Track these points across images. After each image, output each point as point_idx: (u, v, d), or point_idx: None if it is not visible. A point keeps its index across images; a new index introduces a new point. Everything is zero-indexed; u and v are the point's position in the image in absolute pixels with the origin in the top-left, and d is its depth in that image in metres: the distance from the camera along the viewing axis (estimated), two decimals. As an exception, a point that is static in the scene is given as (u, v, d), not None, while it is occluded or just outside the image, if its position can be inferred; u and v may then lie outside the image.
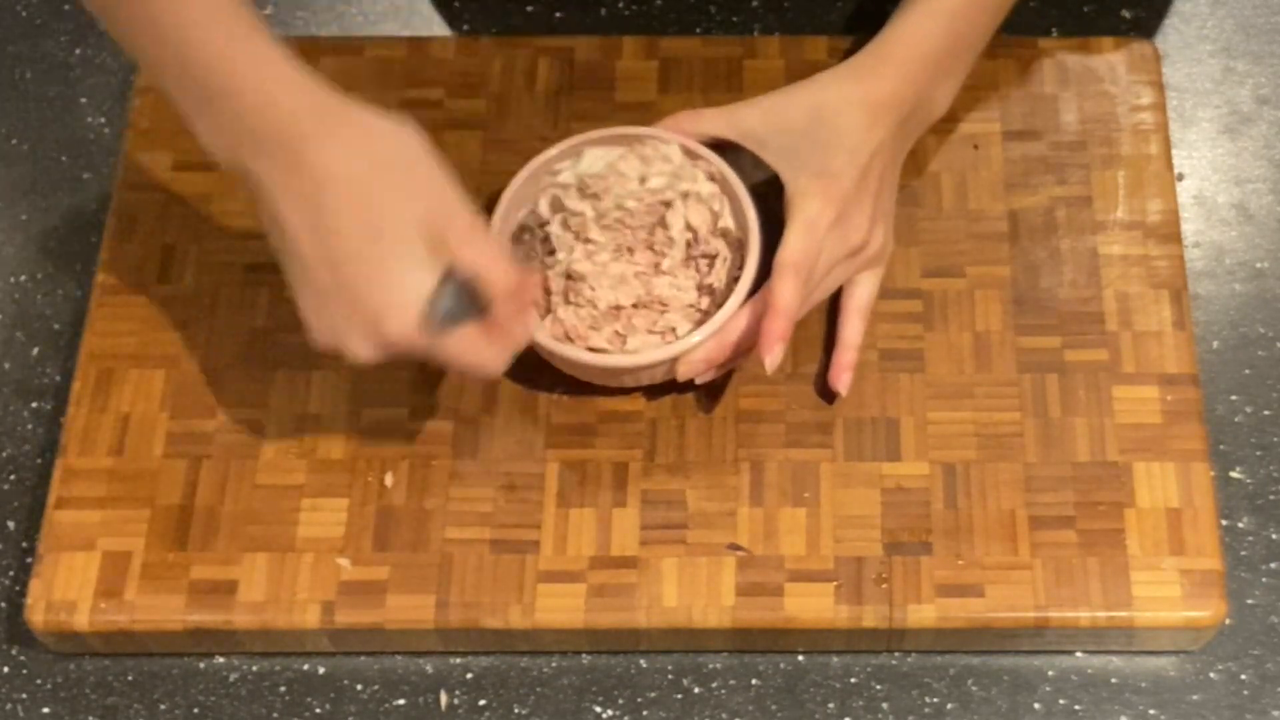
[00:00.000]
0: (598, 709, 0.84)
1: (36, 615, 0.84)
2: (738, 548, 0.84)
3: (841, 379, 0.87)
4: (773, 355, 0.82)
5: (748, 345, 0.85)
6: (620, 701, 0.84)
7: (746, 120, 0.88)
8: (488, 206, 0.94)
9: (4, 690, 0.86)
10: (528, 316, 0.81)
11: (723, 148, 0.89)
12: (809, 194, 0.84)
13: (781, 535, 0.85)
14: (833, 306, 0.90)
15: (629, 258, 0.87)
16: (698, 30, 1.03)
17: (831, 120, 0.85)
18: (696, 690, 0.85)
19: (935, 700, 0.84)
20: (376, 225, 0.75)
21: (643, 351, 0.85)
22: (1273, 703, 0.84)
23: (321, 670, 0.86)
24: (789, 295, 0.82)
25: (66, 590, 0.84)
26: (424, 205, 0.75)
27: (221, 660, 0.86)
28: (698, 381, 0.86)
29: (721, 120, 0.88)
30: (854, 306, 0.88)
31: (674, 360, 0.84)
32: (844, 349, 0.88)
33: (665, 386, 0.87)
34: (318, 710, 0.85)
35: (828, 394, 0.88)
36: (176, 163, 0.96)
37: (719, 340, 0.84)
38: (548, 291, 0.87)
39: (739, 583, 0.83)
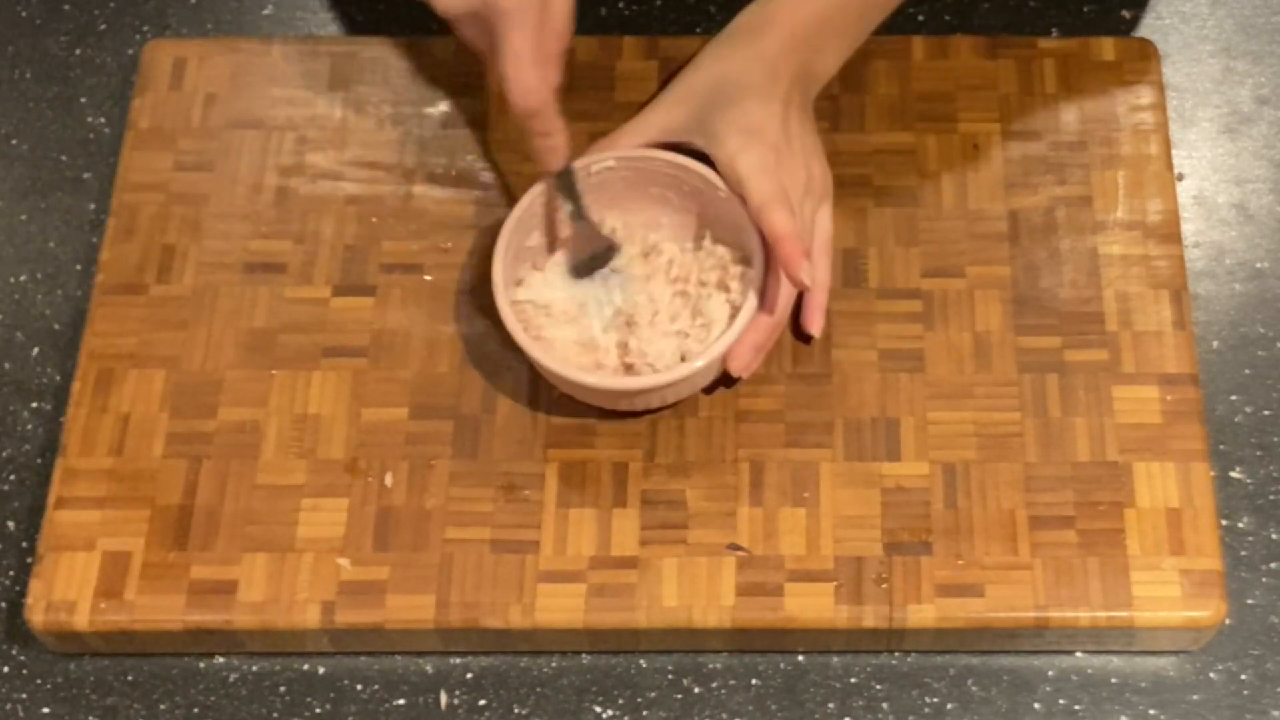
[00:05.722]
0: (598, 709, 0.84)
1: (36, 615, 0.84)
2: (738, 548, 0.84)
3: (815, 319, 0.88)
4: (805, 272, 0.82)
5: (784, 317, 0.87)
6: (620, 701, 0.84)
7: (659, 119, 0.89)
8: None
9: (4, 690, 0.86)
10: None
11: None
12: (743, 149, 0.85)
13: (781, 535, 0.85)
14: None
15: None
16: (698, 30, 1.03)
17: (736, 82, 0.87)
18: (696, 690, 0.85)
19: (935, 700, 0.84)
20: None
21: (660, 372, 0.84)
22: (1273, 703, 0.84)
23: (321, 670, 0.86)
24: (783, 219, 0.83)
25: (66, 590, 0.84)
26: None
27: (221, 660, 0.86)
28: (746, 376, 0.86)
29: (635, 132, 0.89)
30: (818, 243, 0.89)
31: (681, 382, 0.84)
32: (817, 287, 0.88)
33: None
34: (318, 710, 0.85)
35: (828, 394, 0.88)
36: (176, 163, 0.96)
37: (760, 324, 0.85)
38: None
39: (739, 583, 0.83)
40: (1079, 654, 0.85)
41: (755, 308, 0.84)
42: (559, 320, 0.87)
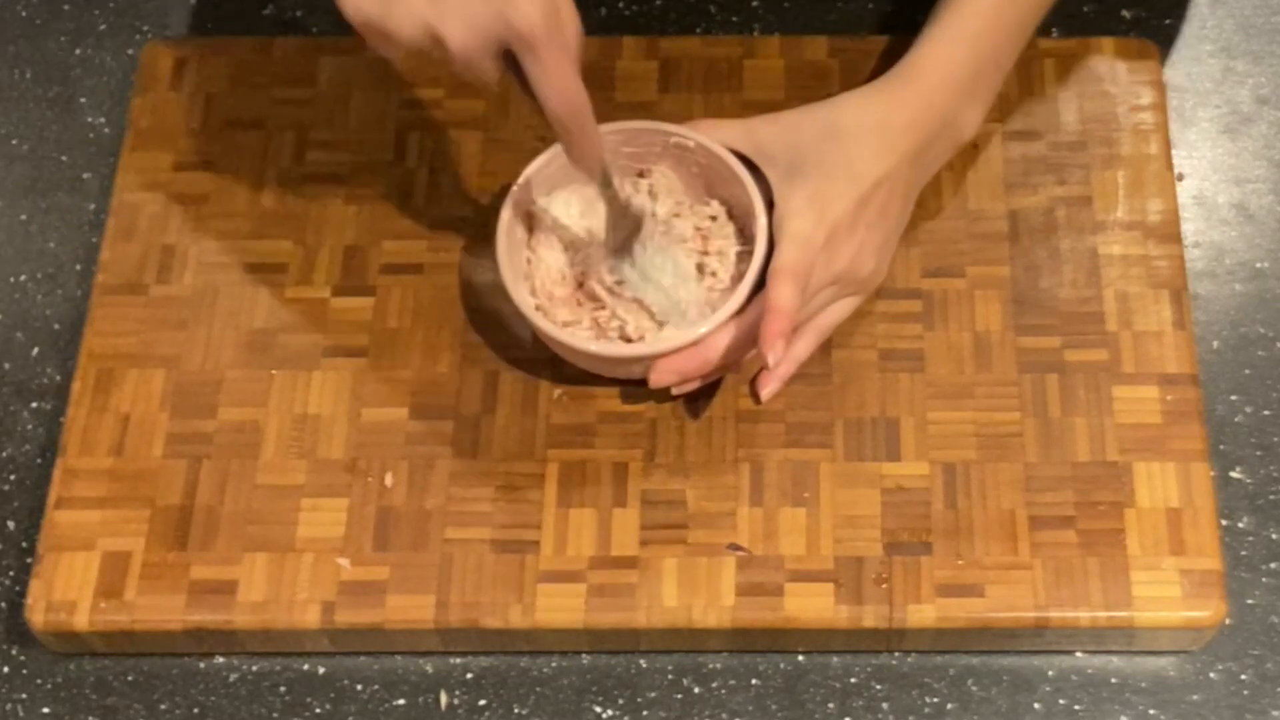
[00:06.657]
0: (598, 709, 0.84)
1: (36, 615, 0.84)
2: (738, 548, 0.84)
3: (768, 386, 0.86)
4: (775, 352, 0.81)
5: (723, 363, 0.84)
6: (620, 701, 0.84)
7: (762, 135, 0.87)
8: (491, 205, 0.94)
9: (4, 690, 0.86)
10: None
11: None
12: (801, 213, 0.83)
13: (781, 535, 0.85)
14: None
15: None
16: (698, 30, 1.03)
17: (842, 143, 0.84)
18: (696, 690, 0.85)
19: (935, 700, 0.84)
20: None
21: (616, 343, 0.85)
22: (1273, 703, 0.84)
23: (321, 670, 0.86)
24: (788, 296, 0.81)
25: (66, 590, 0.84)
26: None
27: (221, 660, 0.86)
28: (674, 393, 0.85)
29: (739, 132, 0.87)
30: (815, 323, 0.87)
31: (645, 360, 0.84)
32: (786, 360, 0.86)
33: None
34: (318, 710, 0.85)
35: (828, 394, 0.88)
36: (176, 163, 0.96)
37: (695, 352, 0.83)
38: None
39: (739, 583, 0.83)
40: (1079, 654, 0.85)
41: (732, 310, 0.84)
42: (554, 246, 0.88)
